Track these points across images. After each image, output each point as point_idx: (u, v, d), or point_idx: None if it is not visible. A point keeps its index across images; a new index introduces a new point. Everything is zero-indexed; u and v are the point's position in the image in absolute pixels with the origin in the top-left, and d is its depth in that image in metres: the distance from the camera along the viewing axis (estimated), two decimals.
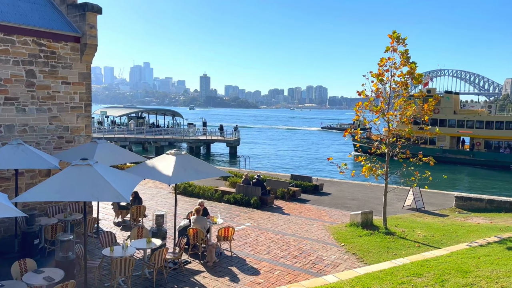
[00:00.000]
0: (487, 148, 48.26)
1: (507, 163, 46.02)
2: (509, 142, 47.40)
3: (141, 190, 20.28)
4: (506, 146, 47.62)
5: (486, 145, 48.62)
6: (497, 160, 46.21)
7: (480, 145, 48.69)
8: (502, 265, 9.45)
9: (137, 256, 11.17)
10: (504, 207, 18.88)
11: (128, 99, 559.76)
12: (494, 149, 47.98)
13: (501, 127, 47.69)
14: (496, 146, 48.06)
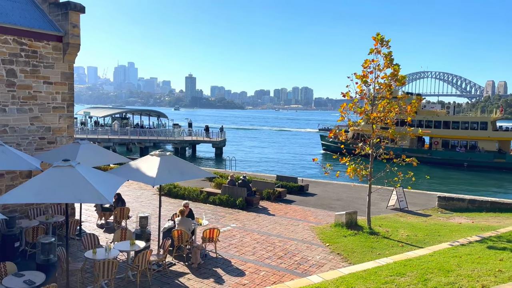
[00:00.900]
0: (444, 147, 49.95)
1: (462, 161, 47.80)
2: (462, 141, 49.47)
3: (125, 191, 20.06)
4: (462, 145, 49.61)
5: (444, 144, 50.39)
6: (453, 159, 47.81)
7: (438, 144, 50.43)
8: (483, 264, 9.62)
9: (120, 258, 11.03)
10: (485, 206, 19.25)
11: (112, 100, 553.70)
12: (451, 148, 49.79)
13: (457, 127, 49.77)
14: (453, 145, 49.92)
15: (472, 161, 47.17)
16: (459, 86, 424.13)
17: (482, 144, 48.70)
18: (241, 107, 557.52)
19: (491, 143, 48.21)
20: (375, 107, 14.77)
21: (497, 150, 48.21)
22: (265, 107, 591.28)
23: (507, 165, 46.51)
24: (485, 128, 48.50)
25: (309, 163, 52.35)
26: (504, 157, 46.90)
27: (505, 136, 48.98)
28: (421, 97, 14.52)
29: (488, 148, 48.10)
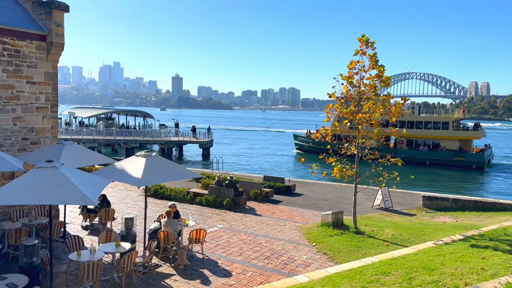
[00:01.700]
0: (409, 146, 51.63)
1: (424, 160, 49.33)
2: (427, 140, 51.19)
3: (110, 192, 19.86)
4: (425, 144, 51.37)
5: (408, 143, 52.20)
6: (416, 157, 49.03)
7: (402, 143, 52.15)
8: (466, 262, 9.79)
9: (105, 260, 10.91)
10: (468, 206, 19.57)
11: (98, 100, 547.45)
12: (415, 146, 51.53)
13: (421, 127, 51.57)
14: (417, 144, 51.67)
15: (434, 159, 48.76)
16: (443, 87, 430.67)
17: (444, 143, 50.56)
18: (229, 108, 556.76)
19: (452, 142, 50.09)
20: (360, 107, 14.90)
21: (457, 149, 50.07)
22: (252, 108, 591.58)
23: (466, 163, 48.34)
24: (447, 128, 50.38)
25: (296, 163, 52.76)
26: (463, 155, 48.81)
27: (466, 136, 50.88)
28: (406, 98, 14.66)
29: (450, 147, 49.88)
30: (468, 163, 48.25)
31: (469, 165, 48.11)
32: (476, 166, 47.92)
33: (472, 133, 50.59)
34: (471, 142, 51.27)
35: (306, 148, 62.00)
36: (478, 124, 53.61)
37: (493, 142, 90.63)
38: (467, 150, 50.24)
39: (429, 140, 51.06)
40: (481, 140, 53.09)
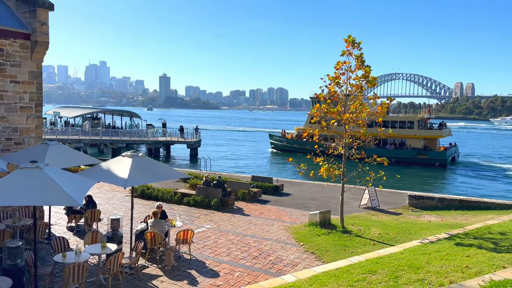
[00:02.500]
0: (377, 145, 52.76)
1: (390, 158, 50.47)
2: (394, 139, 52.66)
3: (96, 193, 19.64)
4: (391, 142, 52.94)
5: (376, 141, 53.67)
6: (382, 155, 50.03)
7: (371, 142, 53.26)
8: (451, 260, 9.92)
9: (91, 261, 10.78)
10: (453, 205, 19.85)
11: (83, 99, 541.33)
12: (382, 145, 52.89)
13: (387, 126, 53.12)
14: (384, 142, 53.11)
15: (399, 157, 49.72)
16: (429, 88, 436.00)
17: (409, 141, 51.99)
18: (217, 108, 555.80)
19: (417, 141, 51.51)
20: (347, 108, 15.01)
21: (422, 147, 51.34)
22: (240, 108, 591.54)
23: (430, 161, 49.76)
24: (412, 127, 51.85)
25: (285, 162, 52.92)
26: (427, 153, 50.30)
27: (430, 134, 52.39)
28: (392, 98, 14.82)
29: (415, 146, 51.26)
30: (431, 161, 49.71)
31: (432, 162, 49.56)
32: (439, 163, 49.44)
33: (436, 132, 52.29)
34: (436, 140, 52.83)
35: (281, 147, 63.73)
36: (443, 124, 55.57)
37: (465, 141, 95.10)
38: (432, 148, 51.73)
39: (396, 139, 52.29)
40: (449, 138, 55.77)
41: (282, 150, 62.71)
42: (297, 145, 60.80)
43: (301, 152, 58.66)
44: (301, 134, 60.92)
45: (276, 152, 64.15)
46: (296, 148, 60.59)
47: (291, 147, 61.48)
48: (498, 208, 18.94)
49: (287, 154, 60.36)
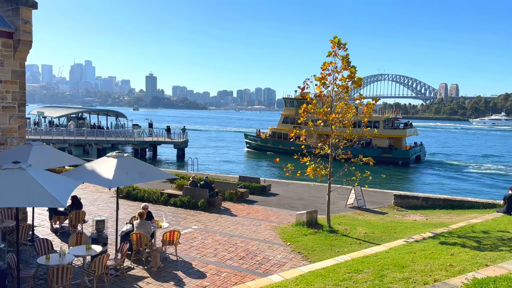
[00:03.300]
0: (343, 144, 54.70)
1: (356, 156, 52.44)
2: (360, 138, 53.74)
3: (81, 194, 19.37)
4: (359, 142, 53.93)
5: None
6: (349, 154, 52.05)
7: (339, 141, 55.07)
8: (435, 259, 10.05)
9: (76, 263, 10.65)
10: (438, 204, 20.13)
11: (68, 99, 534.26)
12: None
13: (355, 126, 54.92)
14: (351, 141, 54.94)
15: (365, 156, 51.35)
16: (414, 89, 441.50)
17: (375, 141, 53.29)
18: (204, 108, 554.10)
19: (382, 140, 52.88)
20: (333, 108, 15.10)
21: (387, 146, 52.90)
22: (228, 108, 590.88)
23: (393, 159, 51.31)
24: (378, 127, 52.90)
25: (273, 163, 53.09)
26: (391, 152, 51.93)
27: (394, 134, 54.05)
28: (377, 98, 14.95)
29: (380, 145, 52.81)
30: (395, 160, 51.17)
31: (396, 161, 51.04)
32: (402, 162, 51.01)
33: (400, 132, 53.86)
34: (401, 140, 54.25)
35: (255, 146, 65.20)
36: (408, 123, 57.60)
37: (438, 140, 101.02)
38: (398, 147, 53.12)
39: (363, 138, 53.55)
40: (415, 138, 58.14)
41: (257, 149, 64.34)
42: (270, 144, 62.05)
43: (274, 151, 60.08)
44: (275, 133, 62.18)
45: (251, 151, 65.76)
46: (269, 147, 61.85)
47: (265, 146, 62.73)
48: (481, 207, 19.27)
49: (261, 153, 61.61)
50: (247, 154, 64.84)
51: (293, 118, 60.52)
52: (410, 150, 53.03)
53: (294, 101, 61.03)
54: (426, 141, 60.42)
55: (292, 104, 61.29)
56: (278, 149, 59.66)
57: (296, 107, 60.58)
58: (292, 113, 60.39)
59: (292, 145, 58.25)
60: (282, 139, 60.49)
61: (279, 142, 60.53)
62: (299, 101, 60.11)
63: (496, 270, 8.41)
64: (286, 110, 62.39)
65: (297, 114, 60.61)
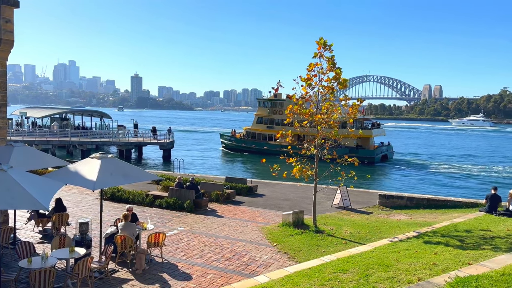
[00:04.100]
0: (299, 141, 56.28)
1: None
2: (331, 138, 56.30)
3: (65, 196, 19.08)
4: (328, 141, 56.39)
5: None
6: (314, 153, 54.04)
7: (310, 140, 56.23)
8: (420, 258, 10.18)
9: (59, 266, 10.48)
10: (422, 203, 20.40)
11: (52, 99, 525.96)
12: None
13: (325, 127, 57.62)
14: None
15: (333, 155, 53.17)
16: (399, 90, 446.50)
17: (344, 140, 54.48)
18: (190, 108, 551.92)
19: (350, 140, 53.84)
20: (319, 109, 15.18)
21: (355, 146, 54.13)
22: (214, 108, 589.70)
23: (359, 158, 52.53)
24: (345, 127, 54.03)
25: (259, 163, 53.22)
26: (357, 152, 53.00)
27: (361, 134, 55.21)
28: (362, 99, 15.07)
29: (348, 144, 53.67)
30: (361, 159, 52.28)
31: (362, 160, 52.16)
32: (368, 161, 52.07)
33: (367, 132, 54.98)
34: (368, 140, 55.51)
35: (230, 146, 66.27)
36: (375, 124, 59.03)
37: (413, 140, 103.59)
38: (365, 147, 54.36)
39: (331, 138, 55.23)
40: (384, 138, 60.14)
41: (232, 149, 65.38)
42: (244, 144, 63.07)
43: (248, 151, 61.34)
44: (249, 133, 62.88)
45: (226, 151, 66.68)
46: (243, 147, 63.03)
47: (240, 146, 63.83)
48: (464, 206, 19.59)
49: (236, 153, 62.95)
50: (223, 154, 65.93)
51: (267, 118, 61.75)
52: (375, 149, 54.42)
53: (267, 101, 62.69)
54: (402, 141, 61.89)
55: (265, 104, 62.90)
56: (252, 148, 61.16)
57: (268, 108, 61.97)
58: (266, 114, 61.84)
59: (265, 145, 60.09)
60: (256, 139, 62.13)
61: (253, 142, 61.98)
62: (272, 101, 61.66)
63: (478, 269, 8.56)
64: (259, 110, 63.83)
65: (270, 114, 61.39)
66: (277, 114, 60.99)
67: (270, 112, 61.60)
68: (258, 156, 59.21)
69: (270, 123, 61.28)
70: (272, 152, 59.40)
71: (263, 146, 60.03)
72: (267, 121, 61.44)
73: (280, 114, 60.07)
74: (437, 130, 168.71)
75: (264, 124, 61.57)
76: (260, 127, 61.97)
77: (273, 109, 61.50)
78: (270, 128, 60.93)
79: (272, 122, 61.05)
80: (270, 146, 59.06)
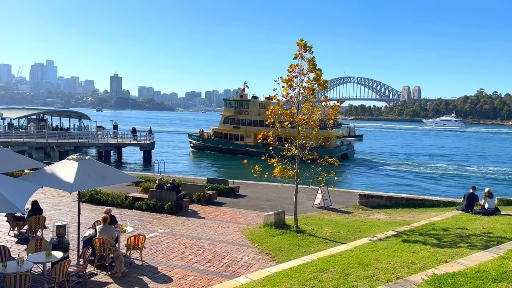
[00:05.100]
0: (279, 143, 58.10)
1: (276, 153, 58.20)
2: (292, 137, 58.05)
3: (42, 199, 18.68)
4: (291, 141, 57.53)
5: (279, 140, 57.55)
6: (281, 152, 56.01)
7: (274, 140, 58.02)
8: (398, 257, 10.33)
9: (35, 271, 10.23)
10: (401, 203, 20.74)
11: (29, 100, 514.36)
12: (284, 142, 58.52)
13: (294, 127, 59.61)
14: (285, 140, 58.38)
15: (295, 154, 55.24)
16: (378, 91, 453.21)
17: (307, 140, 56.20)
18: (171, 109, 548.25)
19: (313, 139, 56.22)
20: (300, 109, 15.27)
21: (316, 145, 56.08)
22: (196, 109, 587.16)
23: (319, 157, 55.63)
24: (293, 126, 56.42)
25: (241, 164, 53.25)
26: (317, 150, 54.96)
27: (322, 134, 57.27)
28: (342, 100, 15.22)
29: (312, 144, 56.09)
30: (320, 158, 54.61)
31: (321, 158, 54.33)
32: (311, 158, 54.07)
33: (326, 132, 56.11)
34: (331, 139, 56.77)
35: (198, 145, 67.24)
36: (337, 124, 60.10)
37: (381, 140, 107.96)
38: (326, 146, 55.31)
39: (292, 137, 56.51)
40: None
41: (199, 149, 66.35)
42: (211, 144, 63.83)
43: (215, 151, 62.25)
44: (216, 133, 64.26)
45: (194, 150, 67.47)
46: (210, 146, 63.86)
47: (207, 145, 64.65)
48: (442, 205, 20.01)
49: (204, 153, 63.96)
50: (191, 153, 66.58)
51: (232, 118, 62.54)
52: (335, 149, 55.63)
53: (233, 102, 63.67)
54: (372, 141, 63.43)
55: (231, 105, 63.79)
56: (218, 148, 62.00)
57: (234, 108, 62.76)
58: (231, 114, 62.63)
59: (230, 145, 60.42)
60: (223, 138, 62.99)
61: (219, 141, 62.78)
62: (237, 102, 62.56)
63: (454, 266, 8.74)
64: (226, 111, 64.61)
65: (236, 114, 62.06)
66: (242, 114, 61.73)
67: (236, 112, 62.32)
68: (224, 156, 59.92)
69: (236, 123, 62.07)
70: (238, 152, 60.05)
71: (229, 146, 60.79)
72: (233, 121, 62.31)
73: (245, 114, 61.18)
74: (410, 130, 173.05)
75: (231, 124, 62.43)
76: (226, 127, 62.90)
77: (239, 109, 62.19)
78: (236, 128, 61.76)
79: (238, 122, 61.87)
80: (235, 146, 60.09)
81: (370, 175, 48.58)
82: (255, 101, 62.41)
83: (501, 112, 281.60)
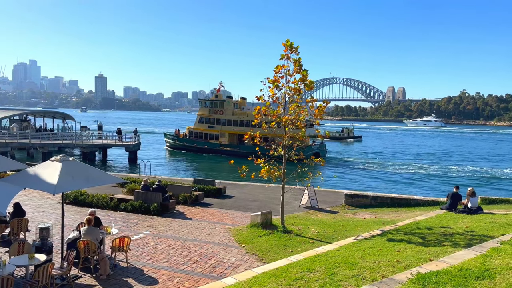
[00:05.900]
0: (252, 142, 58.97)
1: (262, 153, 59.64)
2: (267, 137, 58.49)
3: (25, 200, 18.35)
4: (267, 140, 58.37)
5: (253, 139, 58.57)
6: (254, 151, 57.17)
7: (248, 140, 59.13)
8: (383, 256, 10.43)
9: (17, 274, 10.04)
10: (386, 202, 20.95)
11: (11, 100, 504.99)
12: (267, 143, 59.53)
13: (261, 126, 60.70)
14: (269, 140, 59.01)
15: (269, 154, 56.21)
16: (364, 92, 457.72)
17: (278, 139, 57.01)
18: (158, 109, 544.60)
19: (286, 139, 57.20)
20: (286, 110, 15.32)
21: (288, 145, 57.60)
22: (182, 110, 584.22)
23: None
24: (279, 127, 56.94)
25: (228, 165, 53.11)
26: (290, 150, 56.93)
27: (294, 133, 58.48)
28: (328, 101, 15.33)
29: None
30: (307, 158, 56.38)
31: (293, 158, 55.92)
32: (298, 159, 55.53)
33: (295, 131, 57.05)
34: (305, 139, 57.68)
35: (173, 145, 67.68)
36: (308, 124, 60.78)
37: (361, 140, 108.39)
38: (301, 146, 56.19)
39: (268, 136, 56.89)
40: None
41: (175, 148, 66.79)
42: (186, 143, 64.28)
43: (190, 150, 62.71)
44: (191, 133, 64.82)
45: (170, 149, 67.85)
46: (185, 146, 64.29)
47: (182, 145, 65.07)
48: (426, 204, 20.28)
49: (179, 152, 64.41)
50: (167, 152, 66.90)
51: (207, 118, 63.01)
52: (306, 148, 56.24)
53: (208, 102, 64.13)
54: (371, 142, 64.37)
55: (206, 104, 64.23)
56: (193, 147, 62.37)
57: (209, 108, 63.17)
58: (206, 113, 63.13)
59: (205, 144, 60.40)
60: (198, 138, 63.47)
61: (194, 141, 63.22)
62: (212, 102, 63.01)
63: (438, 265, 8.86)
64: (201, 110, 65.09)
65: (210, 114, 62.43)
66: (217, 114, 62.00)
67: (210, 112, 62.63)
68: (199, 155, 60.17)
69: (211, 123, 62.45)
70: (212, 151, 60.43)
71: (203, 145, 61.02)
72: (208, 121, 62.71)
73: (220, 114, 61.71)
74: (390, 131, 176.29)
75: (206, 124, 62.93)
76: (201, 126, 63.49)
77: (214, 109, 62.47)
78: (211, 127, 62.22)
79: (213, 122, 62.27)
80: (210, 145, 60.52)
81: (355, 175, 49.11)
82: (230, 101, 62.94)
83: (483, 112, 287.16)
